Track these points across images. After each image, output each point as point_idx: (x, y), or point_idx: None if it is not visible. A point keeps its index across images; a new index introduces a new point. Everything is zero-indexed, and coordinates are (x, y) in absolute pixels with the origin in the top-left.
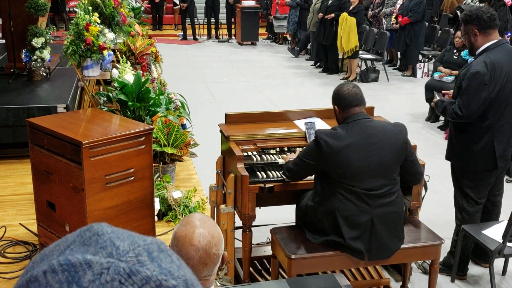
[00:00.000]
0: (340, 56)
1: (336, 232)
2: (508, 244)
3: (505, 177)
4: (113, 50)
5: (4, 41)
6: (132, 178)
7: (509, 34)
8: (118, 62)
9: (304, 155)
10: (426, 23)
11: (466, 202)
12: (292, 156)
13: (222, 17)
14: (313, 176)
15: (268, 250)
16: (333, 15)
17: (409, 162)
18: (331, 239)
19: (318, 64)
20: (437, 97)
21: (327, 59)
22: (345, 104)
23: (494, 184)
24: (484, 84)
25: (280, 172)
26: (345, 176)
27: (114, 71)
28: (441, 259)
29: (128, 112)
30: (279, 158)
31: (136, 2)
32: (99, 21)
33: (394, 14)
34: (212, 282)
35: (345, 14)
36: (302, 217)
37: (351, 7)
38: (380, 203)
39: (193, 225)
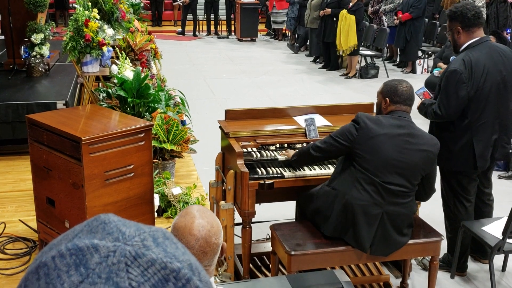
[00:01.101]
0: (339, 54)
1: (345, 220)
2: (508, 240)
3: (503, 173)
4: (113, 46)
5: (3, 37)
6: (131, 175)
7: (508, 30)
8: (118, 58)
9: (337, 134)
10: (426, 20)
11: (458, 201)
12: (287, 154)
13: (222, 13)
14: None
15: (268, 247)
16: (329, 10)
17: (428, 178)
18: (338, 226)
19: (318, 60)
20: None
21: (328, 56)
22: (400, 100)
23: (481, 181)
24: (462, 83)
25: (280, 169)
26: (370, 164)
27: (114, 67)
28: (440, 256)
29: (128, 108)
30: (279, 154)
31: None
32: (98, 17)
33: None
34: (211, 273)
35: (344, 11)
36: (313, 200)
37: (351, 4)
38: (394, 201)
39: (192, 215)
